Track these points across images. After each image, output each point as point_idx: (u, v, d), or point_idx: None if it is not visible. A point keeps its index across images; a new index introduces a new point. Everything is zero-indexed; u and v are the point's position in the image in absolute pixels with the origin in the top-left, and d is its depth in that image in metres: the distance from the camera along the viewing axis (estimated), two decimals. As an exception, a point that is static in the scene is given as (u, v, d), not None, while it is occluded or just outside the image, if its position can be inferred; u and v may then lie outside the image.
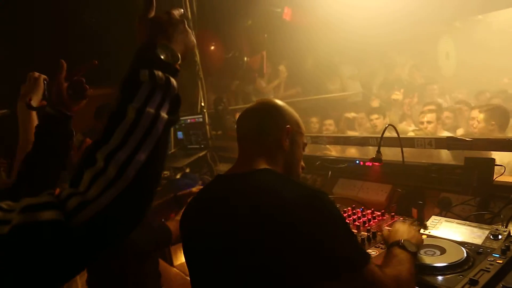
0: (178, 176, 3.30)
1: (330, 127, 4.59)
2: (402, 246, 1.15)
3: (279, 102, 1.25)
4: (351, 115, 4.77)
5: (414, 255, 1.15)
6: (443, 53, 6.81)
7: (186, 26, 0.82)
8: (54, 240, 0.58)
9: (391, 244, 1.20)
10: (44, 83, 1.43)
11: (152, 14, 0.81)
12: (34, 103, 1.39)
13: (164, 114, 0.69)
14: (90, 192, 0.61)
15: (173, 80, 0.72)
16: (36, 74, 1.45)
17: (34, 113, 1.47)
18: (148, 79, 0.69)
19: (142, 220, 0.67)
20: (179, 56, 0.76)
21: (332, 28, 4.34)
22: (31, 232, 0.58)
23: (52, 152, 1.24)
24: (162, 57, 0.72)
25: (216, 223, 1.06)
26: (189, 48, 0.82)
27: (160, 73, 0.70)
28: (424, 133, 3.55)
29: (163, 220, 1.80)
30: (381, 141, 1.80)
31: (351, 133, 4.38)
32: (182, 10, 0.84)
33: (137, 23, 0.80)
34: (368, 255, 0.99)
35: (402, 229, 1.29)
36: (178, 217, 1.72)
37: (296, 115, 1.25)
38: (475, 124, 3.38)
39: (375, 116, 4.46)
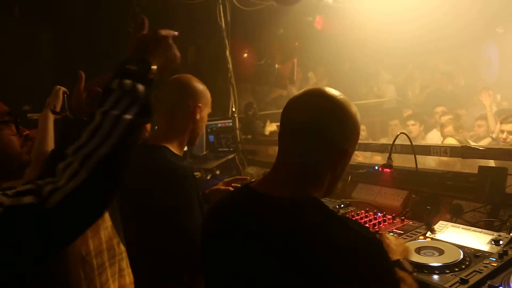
0: (208, 177, 3.49)
1: (362, 133, 4.63)
2: (402, 268, 1.06)
3: (340, 101, 0.96)
4: (394, 122, 4.78)
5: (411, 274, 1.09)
6: (485, 59, 6.63)
7: (171, 41, 0.97)
8: (33, 219, 0.75)
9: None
10: (64, 96, 1.68)
11: (143, 32, 0.96)
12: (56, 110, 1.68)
13: (127, 116, 0.83)
14: (61, 180, 0.78)
15: (140, 87, 0.86)
16: (57, 87, 1.71)
17: (51, 124, 1.75)
18: (117, 87, 0.85)
19: (106, 206, 0.84)
20: (153, 67, 0.91)
21: (365, 36, 4.40)
22: (15, 213, 0.75)
23: None
24: (132, 68, 0.87)
25: (241, 247, 0.92)
26: (170, 60, 0.97)
27: (128, 81, 0.86)
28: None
29: None
30: (392, 148, 1.89)
31: (383, 140, 4.40)
32: (173, 32, 0.99)
33: (128, 41, 0.96)
34: None
35: (392, 243, 1.19)
36: None
37: (357, 120, 0.98)
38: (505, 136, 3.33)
39: (411, 122, 4.46)
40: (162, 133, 1.59)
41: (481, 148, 1.88)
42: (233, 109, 3.75)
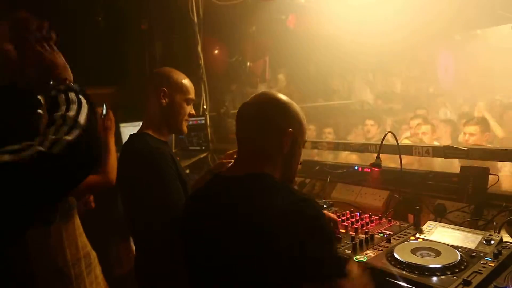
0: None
1: (329, 135, 4.65)
2: None
3: (282, 98, 1.19)
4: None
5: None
6: (442, 67, 6.91)
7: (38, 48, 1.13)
8: (36, 165, 0.86)
9: None
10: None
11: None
12: None
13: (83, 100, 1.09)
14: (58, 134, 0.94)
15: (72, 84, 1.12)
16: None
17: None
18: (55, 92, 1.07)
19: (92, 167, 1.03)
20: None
21: (335, 38, 4.42)
22: (15, 166, 0.84)
23: None
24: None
25: (208, 225, 1.09)
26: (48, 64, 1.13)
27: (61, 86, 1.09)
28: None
29: None
30: (381, 147, 1.86)
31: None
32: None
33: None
34: (345, 271, 1.00)
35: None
36: None
37: (299, 112, 1.20)
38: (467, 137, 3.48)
39: (371, 122, 4.54)
40: (144, 121, 1.76)
41: (463, 148, 1.89)
42: (204, 107, 3.62)
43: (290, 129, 1.15)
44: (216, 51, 4.25)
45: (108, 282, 2.35)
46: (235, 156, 1.23)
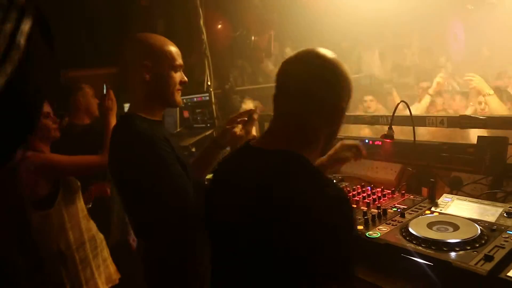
0: (184, 155, 3.28)
1: None
2: None
3: (336, 65, 1.00)
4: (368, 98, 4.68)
5: None
6: (453, 38, 6.67)
7: None
8: None
9: None
10: None
11: None
12: None
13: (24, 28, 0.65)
14: None
15: None
16: None
17: None
18: None
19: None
20: None
21: (343, 12, 4.25)
22: None
23: None
24: None
25: (230, 203, 0.99)
26: None
27: None
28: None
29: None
30: (393, 118, 1.77)
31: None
32: None
33: None
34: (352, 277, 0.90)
35: None
36: None
37: (350, 79, 1.02)
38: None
39: (370, 97, 4.40)
40: (131, 100, 1.58)
41: (481, 117, 1.78)
42: (209, 83, 3.53)
43: (343, 105, 1.00)
44: (219, 26, 4.11)
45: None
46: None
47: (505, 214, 1.36)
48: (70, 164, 2.07)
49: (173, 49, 1.49)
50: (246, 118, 1.61)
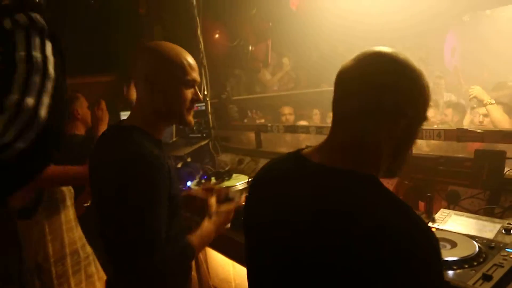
0: (179, 165, 3.25)
1: (314, 116, 4.51)
2: None
3: (402, 65, 0.84)
4: None
5: None
6: (449, 48, 6.71)
7: None
8: None
9: None
10: None
11: None
12: None
13: (49, 56, 0.70)
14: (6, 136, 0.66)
15: (35, 15, 0.71)
16: None
17: None
18: (11, 25, 0.69)
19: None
20: None
21: (339, 19, 4.26)
22: None
23: None
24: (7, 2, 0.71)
25: (291, 222, 0.83)
26: None
27: (21, 15, 0.69)
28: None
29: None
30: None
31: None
32: None
33: None
34: None
35: None
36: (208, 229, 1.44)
37: (420, 85, 0.85)
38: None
39: None
40: (133, 110, 1.37)
41: (478, 131, 1.77)
42: (205, 92, 3.51)
43: (410, 113, 0.84)
44: (217, 35, 4.12)
45: None
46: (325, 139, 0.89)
47: (503, 231, 1.34)
48: (55, 174, 2.00)
49: (187, 62, 1.31)
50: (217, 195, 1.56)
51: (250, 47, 4.24)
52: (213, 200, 1.53)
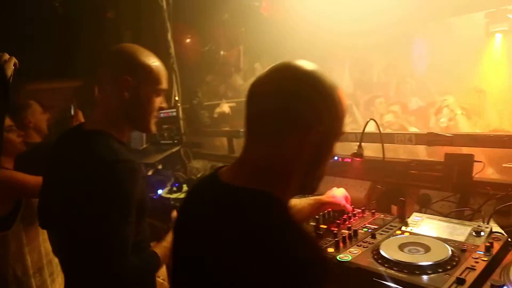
0: (150, 173, 3.17)
1: None
2: None
3: (320, 79, 0.83)
4: None
5: None
6: (415, 54, 6.90)
7: None
8: None
9: None
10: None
11: None
12: None
13: None
14: None
15: None
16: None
17: None
18: None
19: None
20: None
21: (310, 24, 4.29)
22: None
23: None
24: None
25: (194, 232, 0.87)
26: None
27: None
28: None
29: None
30: (362, 136, 1.75)
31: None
32: None
33: None
34: None
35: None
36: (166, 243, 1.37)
37: (332, 98, 0.84)
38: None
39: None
40: (98, 114, 1.31)
41: (447, 135, 1.80)
42: (176, 98, 3.45)
43: (320, 129, 0.81)
44: (188, 40, 4.06)
45: None
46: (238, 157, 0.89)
47: (473, 233, 1.35)
48: (36, 184, 1.89)
49: (161, 70, 1.32)
50: None
51: (222, 52, 4.21)
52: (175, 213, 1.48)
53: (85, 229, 1.14)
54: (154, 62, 1.30)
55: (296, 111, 0.80)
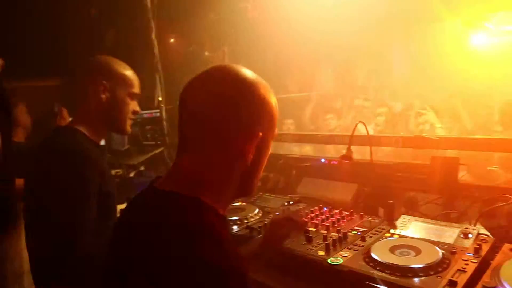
0: (132, 175, 3.10)
1: (291, 127, 4.54)
2: None
3: (252, 79, 0.84)
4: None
5: None
6: (398, 57, 7.01)
7: None
8: None
9: None
10: None
11: None
12: None
13: None
14: None
15: None
16: None
17: None
18: None
19: None
20: None
21: (294, 27, 4.30)
22: None
23: None
24: None
25: (125, 239, 0.85)
26: None
27: None
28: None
29: None
30: (351, 139, 1.75)
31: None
32: None
33: None
34: None
35: None
36: None
37: (271, 100, 0.87)
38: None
39: (330, 116, 4.50)
40: (76, 115, 1.51)
41: (434, 138, 1.82)
42: (160, 99, 3.38)
43: (260, 133, 0.83)
44: (172, 40, 4.00)
45: None
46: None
47: (461, 235, 1.36)
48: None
49: (134, 76, 1.53)
50: None
51: (206, 53, 4.17)
52: None
53: (44, 215, 1.27)
54: (127, 70, 1.52)
55: (238, 116, 0.81)
